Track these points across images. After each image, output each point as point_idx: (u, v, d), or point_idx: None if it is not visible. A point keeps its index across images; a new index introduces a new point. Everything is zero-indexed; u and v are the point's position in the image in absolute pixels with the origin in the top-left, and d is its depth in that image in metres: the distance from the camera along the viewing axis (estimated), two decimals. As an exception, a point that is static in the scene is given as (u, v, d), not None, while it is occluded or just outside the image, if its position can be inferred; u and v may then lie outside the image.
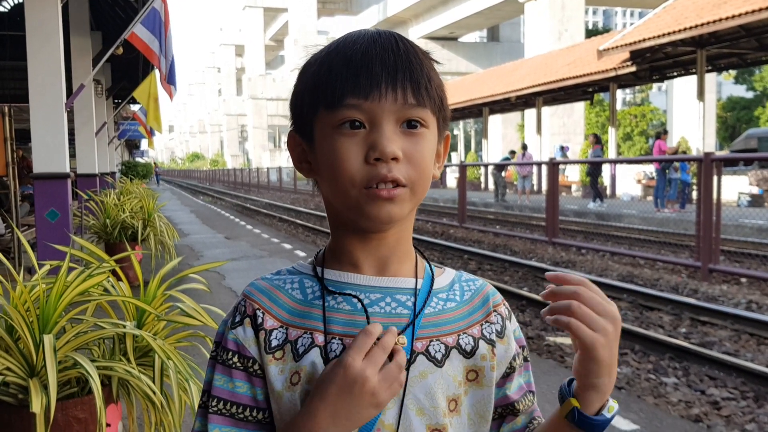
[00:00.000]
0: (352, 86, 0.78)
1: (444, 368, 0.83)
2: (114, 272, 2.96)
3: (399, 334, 0.81)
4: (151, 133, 17.56)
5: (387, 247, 0.86)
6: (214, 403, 0.83)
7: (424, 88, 0.80)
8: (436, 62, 0.86)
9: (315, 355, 0.81)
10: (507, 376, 0.90)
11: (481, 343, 0.86)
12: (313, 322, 0.83)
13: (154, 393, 2.48)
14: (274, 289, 0.86)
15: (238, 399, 0.83)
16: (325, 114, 0.80)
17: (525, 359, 0.92)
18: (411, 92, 0.79)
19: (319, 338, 0.82)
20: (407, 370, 0.81)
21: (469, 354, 0.85)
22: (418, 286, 0.87)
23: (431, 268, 0.91)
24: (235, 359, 0.83)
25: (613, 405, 0.81)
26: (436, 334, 0.84)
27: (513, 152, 23.10)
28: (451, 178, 31.38)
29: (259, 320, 0.83)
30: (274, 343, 0.82)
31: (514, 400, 0.90)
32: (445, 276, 0.91)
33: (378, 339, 0.78)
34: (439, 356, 0.83)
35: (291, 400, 0.81)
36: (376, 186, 0.78)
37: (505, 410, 0.90)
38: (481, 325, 0.88)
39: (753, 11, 14.53)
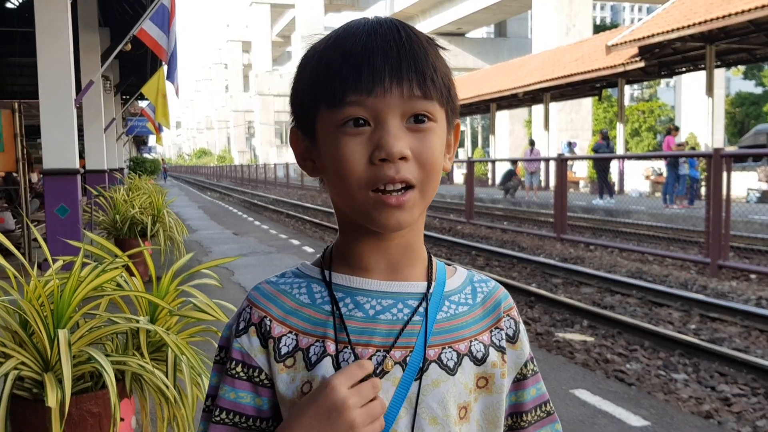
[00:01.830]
0: (353, 83, 0.74)
1: (456, 376, 0.80)
2: (127, 267, 2.97)
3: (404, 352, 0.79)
4: (159, 129, 17.59)
5: (397, 249, 0.82)
6: (217, 413, 0.81)
7: (430, 79, 0.75)
8: (441, 48, 0.81)
9: (327, 364, 0.78)
10: (518, 381, 0.87)
11: (491, 350, 0.83)
12: (323, 329, 0.80)
13: (167, 387, 2.49)
14: (280, 294, 0.83)
15: (241, 409, 0.81)
16: (326, 112, 0.76)
17: (534, 370, 0.88)
18: (417, 85, 0.74)
19: (331, 347, 0.79)
20: (419, 378, 0.79)
21: (480, 361, 0.82)
22: (431, 291, 0.83)
23: (443, 270, 0.87)
24: (239, 369, 0.81)
25: None
26: (449, 341, 0.81)
27: (514, 162, 22.70)
28: (458, 174, 31.35)
29: (267, 328, 0.81)
30: (284, 350, 0.80)
31: (526, 410, 0.87)
32: (457, 277, 0.88)
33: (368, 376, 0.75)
34: (451, 364, 0.80)
35: None
36: (384, 189, 0.74)
37: (515, 421, 0.87)
38: (491, 331, 0.85)
39: (763, 6, 14.43)
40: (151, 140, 41.73)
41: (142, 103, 21.10)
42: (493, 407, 0.84)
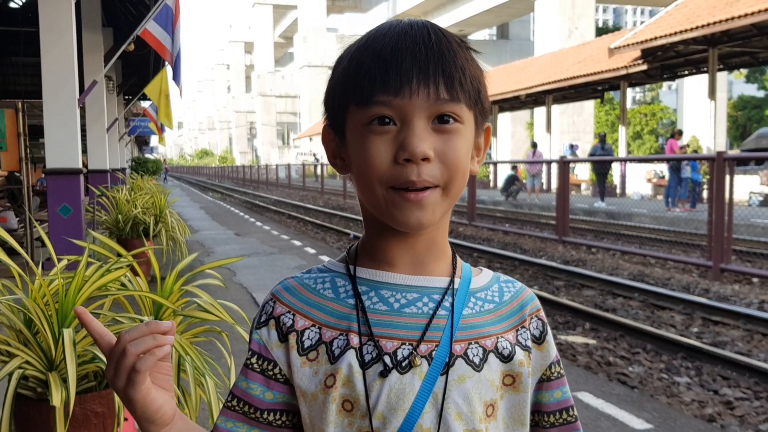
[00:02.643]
0: (381, 83, 0.75)
1: (482, 372, 0.80)
2: (130, 267, 2.97)
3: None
4: (161, 130, 17.60)
5: (422, 244, 0.82)
6: (230, 398, 0.83)
7: (457, 81, 0.76)
8: (474, 50, 0.82)
9: (351, 357, 0.78)
10: (542, 382, 0.87)
11: (517, 349, 0.83)
12: (347, 322, 0.80)
13: (171, 388, 2.49)
14: (303, 289, 0.84)
15: (250, 400, 0.82)
16: (355, 110, 0.77)
17: (560, 373, 0.88)
18: (444, 87, 0.75)
19: (354, 339, 0.79)
20: (446, 373, 0.79)
21: (506, 358, 0.82)
22: (456, 286, 0.83)
23: (468, 268, 0.88)
24: (254, 360, 0.82)
25: None
26: (475, 337, 0.81)
27: (515, 167, 22.68)
28: (460, 176, 31.28)
29: (289, 322, 0.81)
30: (307, 343, 0.80)
31: (549, 411, 0.87)
32: (483, 276, 0.88)
33: None
34: (477, 360, 0.80)
35: (324, 402, 0.78)
36: (406, 189, 0.75)
37: (537, 420, 0.87)
38: (517, 330, 0.85)
39: (766, 9, 14.43)
40: (153, 140, 41.77)
41: (145, 104, 21.12)
42: (519, 406, 0.84)
